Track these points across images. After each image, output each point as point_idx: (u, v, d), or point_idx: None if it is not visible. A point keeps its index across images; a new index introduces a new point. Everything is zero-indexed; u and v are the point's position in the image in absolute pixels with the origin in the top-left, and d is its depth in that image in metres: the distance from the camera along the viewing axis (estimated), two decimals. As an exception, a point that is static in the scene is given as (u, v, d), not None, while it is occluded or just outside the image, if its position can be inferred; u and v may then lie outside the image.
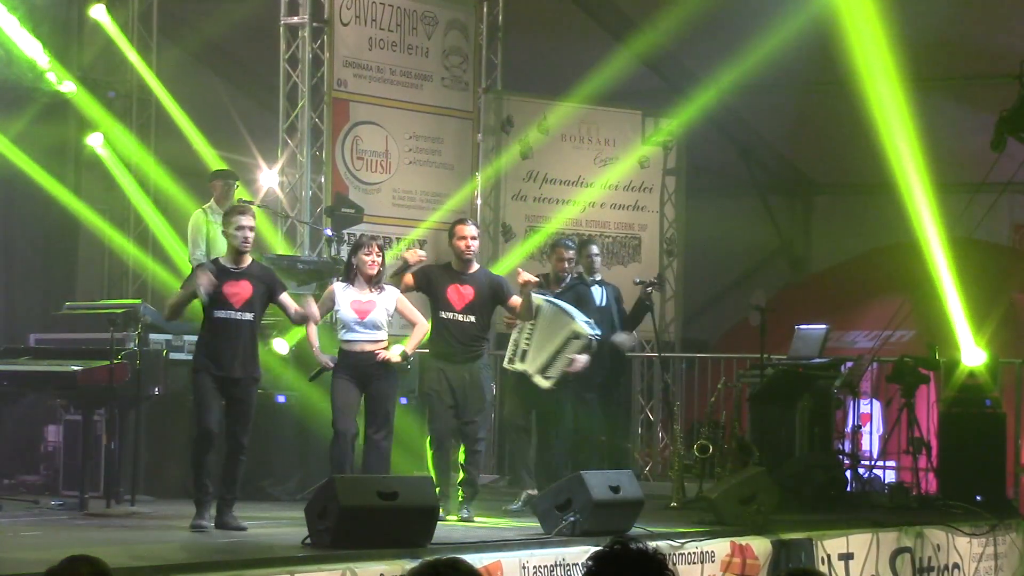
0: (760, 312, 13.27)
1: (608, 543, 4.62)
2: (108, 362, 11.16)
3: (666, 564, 4.57)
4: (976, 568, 12.03)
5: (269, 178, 14.45)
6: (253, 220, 10.08)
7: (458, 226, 11.17)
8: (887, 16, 14.34)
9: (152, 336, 12.01)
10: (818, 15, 15.33)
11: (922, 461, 13.26)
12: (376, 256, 10.62)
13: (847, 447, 13.85)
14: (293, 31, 14.42)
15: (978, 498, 12.81)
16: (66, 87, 14.05)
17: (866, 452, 14.63)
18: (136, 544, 9.08)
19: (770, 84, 17.43)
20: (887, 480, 14.31)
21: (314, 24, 14.36)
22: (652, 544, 4.66)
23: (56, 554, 4.99)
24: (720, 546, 10.25)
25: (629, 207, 16.30)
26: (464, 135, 15.56)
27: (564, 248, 12.35)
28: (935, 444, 13.36)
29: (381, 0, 14.84)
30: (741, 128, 19.04)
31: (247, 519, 10.39)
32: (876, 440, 14.89)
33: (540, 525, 9.93)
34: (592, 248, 12.73)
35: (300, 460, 12.72)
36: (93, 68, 14.93)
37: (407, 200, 15.08)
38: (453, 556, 4.79)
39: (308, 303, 10.29)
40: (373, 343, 10.57)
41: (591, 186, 16.06)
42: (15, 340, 12.79)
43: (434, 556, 4.95)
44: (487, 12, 15.76)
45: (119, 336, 11.44)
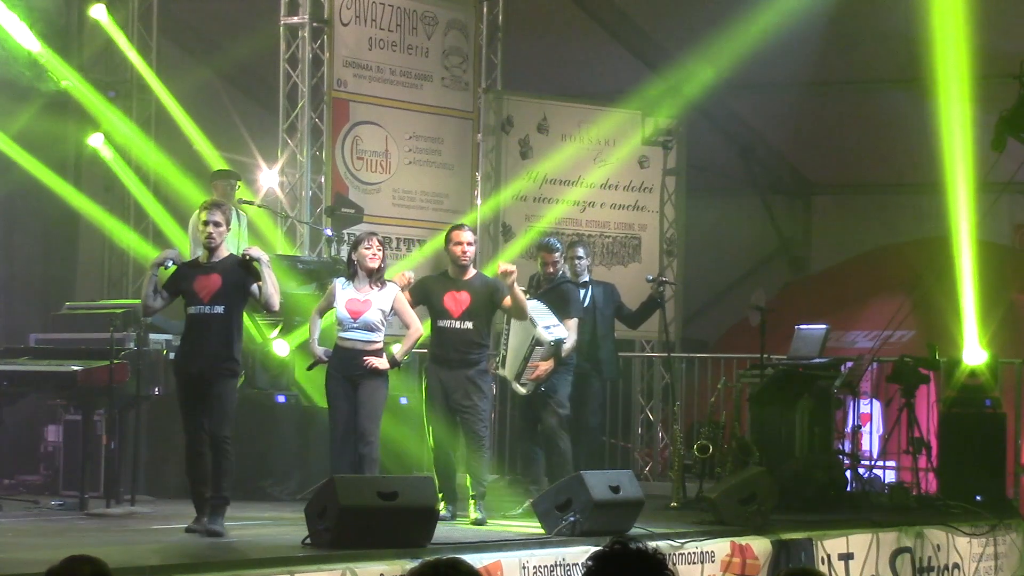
0: (760, 312, 13.27)
1: (608, 543, 4.62)
2: (108, 362, 11.15)
3: (666, 564, 4.57)
4: (976, 568, 12.04)
5: (269, 178, 14.45)
6: (221, 215, 9.84)
7: (454, 232, 11.16)
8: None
9: (152, 336, 12.00)
10: (818, 15, 15.36)
11: (922, 461, 13.27)
12: (376, 250, 10.60)
13: (847, 447, 13.85)
14: (293, 31, 14.42)
15: (978, 498, 12.81)
16: (66, 86, 14.05)
17: (866, 452, 14.63)
18: (136, 544, 9.09)
19: (770, 84, 17.43)
20: (887, 480, 14.31)
21: (314, 24, 14.35)
22: (652, 544, 4.67)
23: (56, 554, 4.99)
24: (720, 546, 10.26)
25: (629, 207, 16.30)
26: (464, 135, 15.56)
27: (548, 250, 12.21)
28: (935, 444, 13.36)
29: (381, 0, 14.84)
30: (741, 128, 19.04)
31: (247, 519, 10.39)
32: (876, 440, 14.90)
33: (540, 525, 9.94)
34: (578, 250, 12.52)
35: (300, 460, 12.72)
36: (93, 68, 14.93)
37: (407, 200, 15.08)
38: (453, 556, 4.79)
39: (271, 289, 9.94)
40: (365, 343, 10.56)
41: (591, 186, 16.05)
42: (15, 340, 12.79)
43: (434, 556, 4.95)
44: (487, 12, 15.75)
45: (119, 336, 11.43)
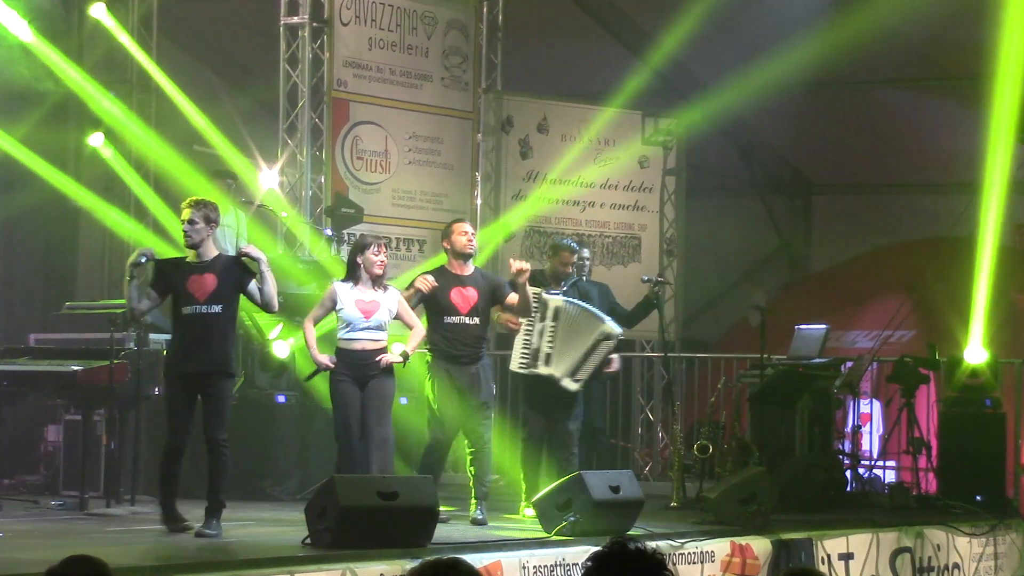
0: (760, 312, 13.27)
1: (608, 543, 4.62)
2: (108, 362, 11.15)
3: (666, 564, 4.58)
4: (976, 568, 12.04)
5: (269, 178, 14.45)
6: (198, 214, 9.71)
7: (457, 223, 11.14)
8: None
9: (152, 336, 12.00)
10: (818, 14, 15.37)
11: (922, 461, 13.27)
12: (384, 256, 10.61)
13: (847, 447, 13.86)
14: (293, 31, 14.42)
15: (978, 498, 12.81)
16: (66, 86, 14.04)
17: (866, 452, 14.63)
18: (136, 544, 9.09)
19: (770, 84, 17.43)
20: (887, 480, 14.32)
21: (314, 24, 14.35)
22: (652, 544, 4.67)
23: (56, 554, 4.99)
24: (720, 546, 10.26)
25: (629, 207, 16.29)
26: (464, 135, 15.55)
27: (571, 251, 12.16)
28: (935, 444, 13.36)
29: (381, 0, 14.85)
30: (741, 128, 19.04)
31: (247, 519, 10.39)
32: (876, 440, 14.90)
33: (540, 525, 9.94)
34: (584, 251, 12.58)
35: (300, 460, 12.72)
36: (93, 67, 14.91)
37: (407, 200, 15.08)
38: (453, 556, 4.79)
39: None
40: (374, 343, 10.53)
41: (591, 186, 16.05)
42: (15, 340, 12.79)
43: (434, 556, 4.95)
44: (487, 12, 15.75)
45: (119, 336, 11.43)
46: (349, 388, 10.45)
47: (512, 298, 11.01)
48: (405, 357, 10.62)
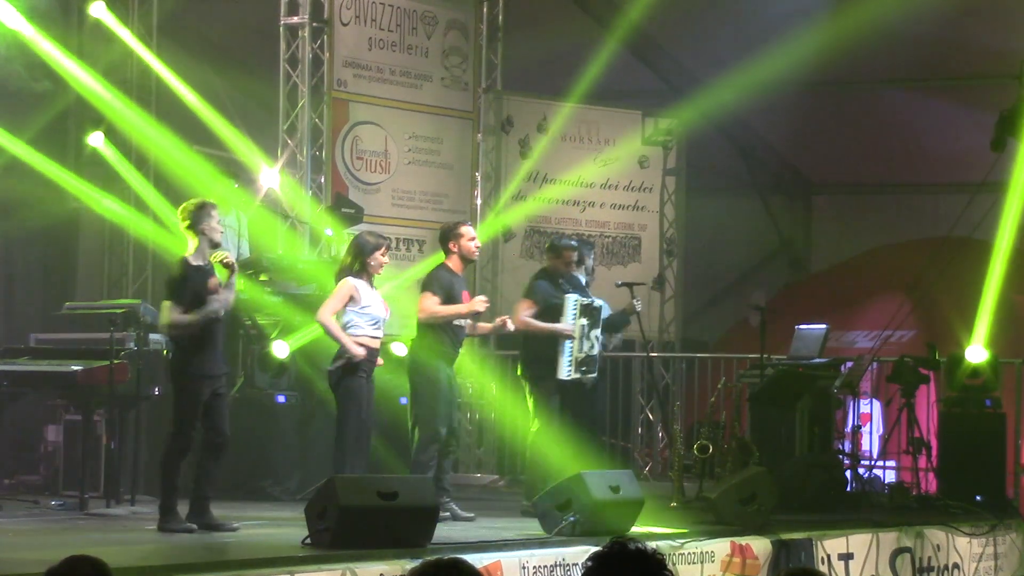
0: (760, 312, 13.27)
1: (608, 543, 4.62)
2: (108, 362, 11.15)
3: (666, 564, 4.58)
4: (976, 568, 12.03)
5: (269, 178, 14.44)
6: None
7: (465, 227, 11.15)
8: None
9: (152, 336, 11.99)
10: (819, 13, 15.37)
11: (922, 461, 13.26)
12: (387, 258, 10.79)
13: (847, 447, 13.85)
14: (293, 31, 14.42)
15: (978, 498, 12.81)
16: (64, 85, 14.02)
17: (866, 452, 14.63)
18: (136, 544, 9.09)
19: (770, 84, 17.42)
20: (887, 480, 14.31)
21: (314, 24, 14.36)
22: (652, 544, 4.66)
23: (56, 554, 4.99)
24: (720, 546, 10.25)
25: (629, 207, 16.30)
26: (464, 135, 15.56)
27: (570, 248, 12.14)
28: (935, 444, 13.36)
29: (381, 0, 14.84)
30: (741, 128, 19.04)
31: (247, 519, 10.38)
32: (876, 440, 14.90)
33: (540, 525, 9.94)
34: (589, 260, 12.68)
35: (300, 460, 12.71)
36: (93, 66, 14.88)
37: (407, 200, 15.08)
38: (454, 556, 4.79)
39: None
40: (380, 340, 10.73)
41: (591, 186, 16.06)
42: (15, 340, 12.78)
43: (434, 556, 4.95)
44: (487, 12, 15.76)
45: (119, 336, 11.43)
46: (368, 385, 10.61)
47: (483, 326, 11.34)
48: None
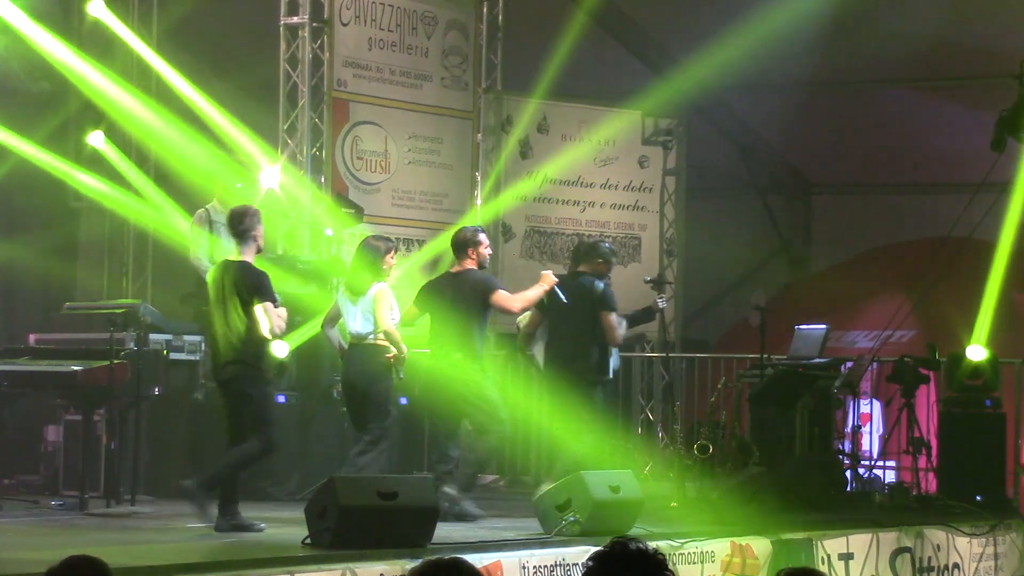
0: (760, 312, 13.27)
1: (608, 543, 4.62)
2: (108, 362, 11.15)
3: (666, 564, 4.58)
4: (976, 568, 12.03)
5: (269, 178, 14.42)
6: None
7: (483, 235, 11.25)
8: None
9: (152, 336, 12.00)
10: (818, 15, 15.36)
11: (922, 461, 13.26)
12: (395, 260, 10.88)
13: (847, 447, 13.85)
14: (293, 31, 14.42)
15: (978, 498, 12.81)
16: (62, 84, 14.00)
17: (866, 452, 14.63)
18: (136, 544, 9.09)
19: (770, 84, 17.43)
20: (887, 480, 14.31)
21: (314, 24, 14.35)
22: (652, 544, 4.66)
23: (56, 554, 4.99)
24: (720, 546, 10.25)
25: (629, 207, 16.30)
26: (464, 135, 15.55)
27: (613, 255, 12.37)
28: (935, 444, 13.36)
29: (381, 0, 14.84)
30: (741, 128, 19.04)
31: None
32: (876, 440, 14.90)
33: (540, 525, 9.94)
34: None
35: (300, 460, 12.71)
36: (92, 63, 14.86)
37: (407, 200, 15.08)
38: (454, 556, 4.79)
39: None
40: None
41: (591, 186, 16.06)
42: (15, 340, 12.79)
43: (434, 556, 4.95)
44: (487, 12, 15.75)
45: (119, 336, 11.43)
46: None
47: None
48: None
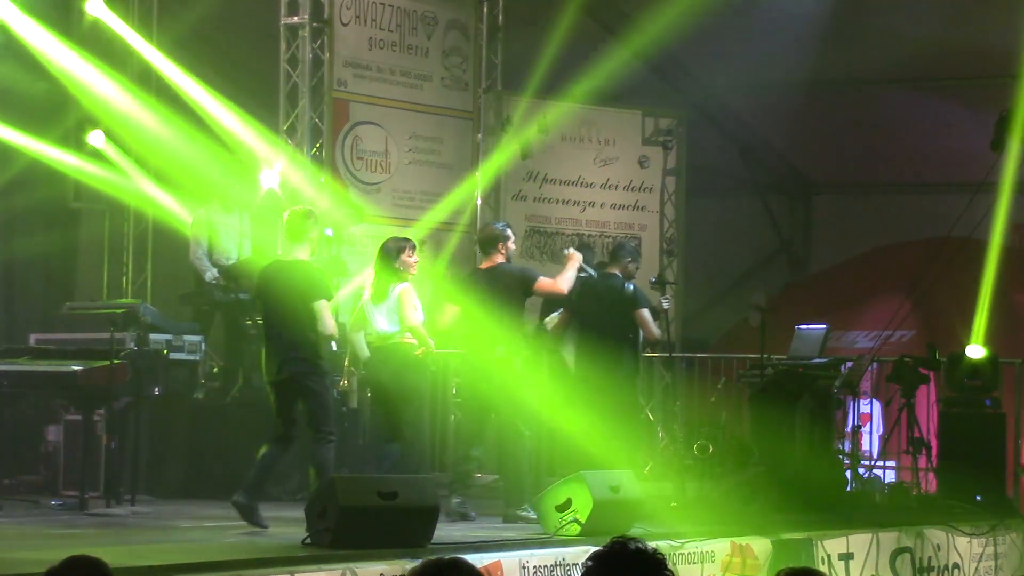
0: (760, 312, 13.27)
1: (608, 543, 4.62)
2: (108, 362, 11.15)
3: (666, 564, 4.58)
4: (976, 568, 12.03)
5: (269, 178, 14.43)
6: None
7: (510, 229, 11.28)
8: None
9: (152, 336, 12.00)
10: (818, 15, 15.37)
11: (922, 461, 13.27)
12: (415, 256, 10.92)
13: (847, 447, 13.85)
14: (293, 31, 14.42)
15: (978, 498, 12.81)
16: (60, 85, 14.00)
17: (866, 452, 14.63)
18: (136, 544, 9.09)
19: (770, 84, 17.43)
20: (887, 480, 14.31)
21: (314, 24, 14.35)
22: (652, 544, 4.66)
23: (56, 554, 4.99)
24: (720, 546, 10.25)
25: (629, 207, 16.30)
26: (464, 135, 15.55)
27: (638, 252, 12.58)
28: (935, 444, 13.36)
29: (381, 0, 14.84)
30: (741, 128, 19.04)
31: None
32: (876, 440, 14.89)
33: (540, 525, 9.94)
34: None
35: (300, 460, 12.69)
36: (92, 63, 14.85)
37: (407, 200, 15.08)
38: (454, 556, 4.79)
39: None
40: None
41: (591, 186, 16.07)
42: (15, 340, 12.79)
43: (434, 556, 4.95)
44: (487, 12, 15.75)
45: (119, 336, 11.43)
46: None
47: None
48: None
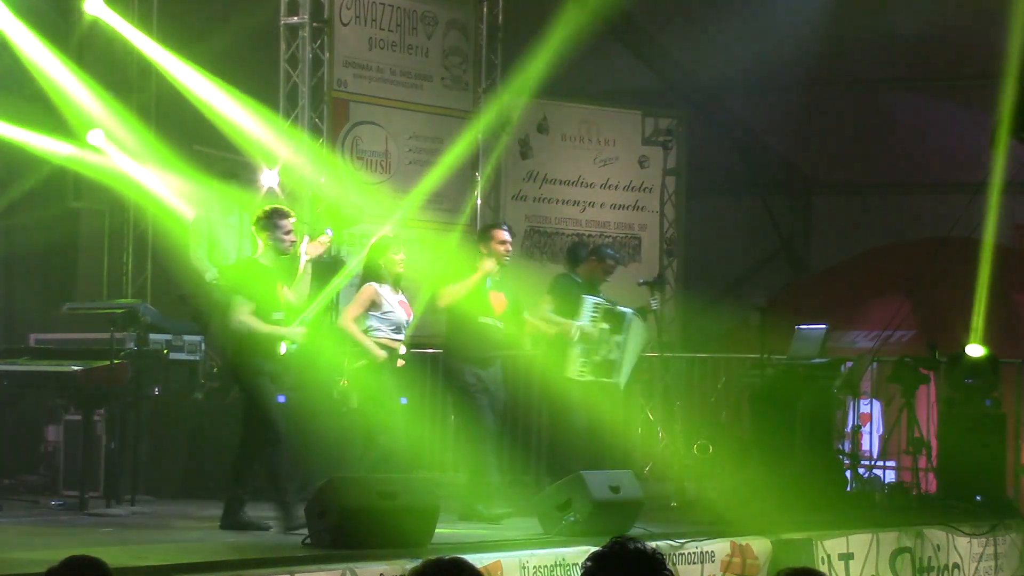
0: (760, 312, 13.27)
1: (608, 543, 4.62)
2: (108, 362, 11.15)
3: (666, 564, 4.58)
4: (976, 568, 12.03)
5: (269, 178, 14.43)
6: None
7: (497, 231, 11.17)
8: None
9: (152, 336, 12.00)
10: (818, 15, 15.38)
11: (922, 461, 13.27)
12: (403, 255, 10.68)
13: (847, 447, 13.85)
14: (293, 31, 14.42)
15: (978, 498, 12.81)
16: (64, 82, 13.99)
17: (866, 452, 14.63)
18: (136, 544, 9.08)
19: (770, 84, 17.44)
20: (887, 480, 14.31)
21: (314, 24, 14.35)
22: (652, 544, 4.66)
23: (56, 554, 4.99)
24: (720, 546, 10.25)
25: (629, 207, 16.30)
26: (464, 135, 15.54)
27: (615, 263, 12.38)
28: (935, 444, 13.36)
29: (381, 0, 14.84)
30: (741, 128, 19.05)
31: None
32: (876, 440, 14.90)
33: (540, 525, 9.94)
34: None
35: (300, 460, 12.70)
36: (92, 68, 14.86)
37: (407, 200, 15.07)
38: (454, 556, 4.79)
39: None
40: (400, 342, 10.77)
41: (591, 186, 16.07)
42: (15, 340, 12.79)
43: (435, 556, 4.95)
44: (487, 12, 15.75)
45: (119, 336, 11.43)
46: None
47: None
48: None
